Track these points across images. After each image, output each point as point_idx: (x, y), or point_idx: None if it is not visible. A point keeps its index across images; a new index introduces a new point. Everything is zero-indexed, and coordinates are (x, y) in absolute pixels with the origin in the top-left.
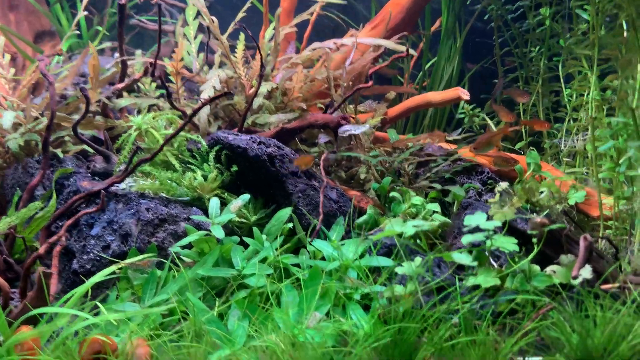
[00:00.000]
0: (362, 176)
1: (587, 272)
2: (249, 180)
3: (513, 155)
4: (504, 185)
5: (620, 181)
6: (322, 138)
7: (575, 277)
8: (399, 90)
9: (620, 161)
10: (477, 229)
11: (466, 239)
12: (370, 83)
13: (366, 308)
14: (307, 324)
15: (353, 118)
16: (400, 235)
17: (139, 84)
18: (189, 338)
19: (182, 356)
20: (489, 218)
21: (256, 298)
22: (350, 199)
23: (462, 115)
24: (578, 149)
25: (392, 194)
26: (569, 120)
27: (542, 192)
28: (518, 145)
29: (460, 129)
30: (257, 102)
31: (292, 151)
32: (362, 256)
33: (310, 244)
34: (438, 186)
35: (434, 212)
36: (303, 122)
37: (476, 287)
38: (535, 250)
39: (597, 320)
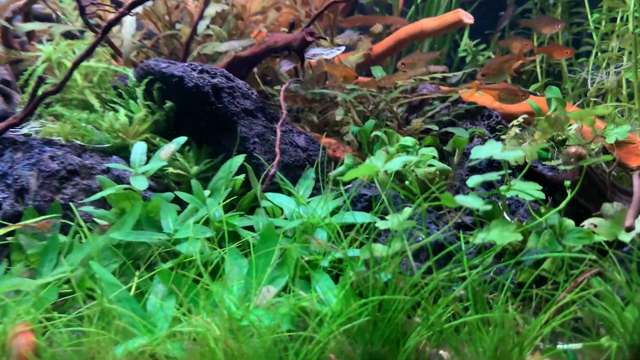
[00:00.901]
0: (338, 118)
1: None
2: (191, 122)
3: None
4: (520, 119)
5: None
6: (285, 65)
7: (628, 230)
8: (387, 22)
9: None
10: (488, 166)
11: (473, 181)
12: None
13: (338, 279)
14: (256, 302)
15: (324, 39)
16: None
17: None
18: (92, 322)
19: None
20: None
21: (189, 270)
22: (323, 148)
23: (464, 54)
24: (609, 86)
25: (375, 133)
26: (596, 54)
27: (571, 128)
28: (533, 87)
29: (461, 73)
30: (203, 26)
31: (246, 84)
32: (334, 213)
33: (268, 200)
34: (435, 127)
35: (432, 157)
36: (260, 46)
37: (489, 246)
38: (569, 196)
39: None
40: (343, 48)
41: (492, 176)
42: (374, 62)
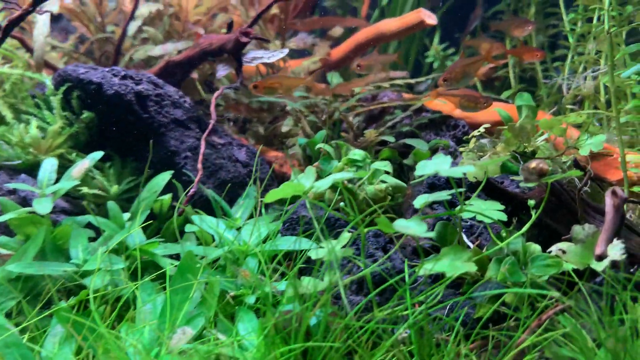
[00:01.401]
0: (285, 129)
1: (617, 250)
2: (115, 135)
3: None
4: (482, 129)
5: None
6: (221, 70)
7: (601, 257)
8: (347, 24)
9: None
10: (448, 183)
11: (419, 201)
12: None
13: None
14: (169, 346)
15: (264, 40)
16: (322, 199)
17: None
18: None
19: None
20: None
21: (96, 307)
22: (268, 162)
23: (432, 59)
24: (586, 92)
25: (319, 145)
26: (572, 57)
27: (541, 138)
28: (505, 94)
29: (426, 79)
30: (134, 28)
31: (179, 92)
32: (270, 239)
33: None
34: (390, 138)
35: (385, 173)
36: (194, 50)
37: (439, 277)
38: (534, 217)
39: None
40: (286, 51)
41: (442, 195)
42: (332, 67)
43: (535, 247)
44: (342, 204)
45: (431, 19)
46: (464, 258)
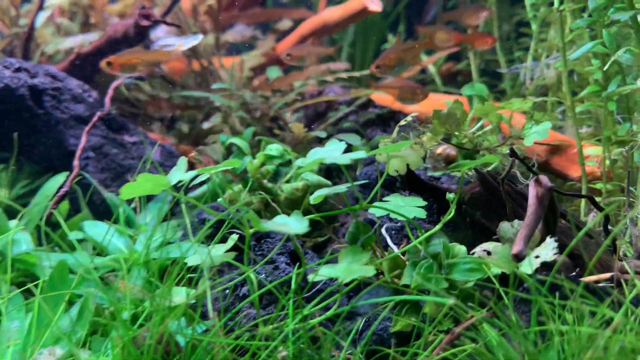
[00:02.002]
0: (206, 126)
1: (549, 250)
2: (6, 133)
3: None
4: (409, 118)
5: (610, 116)
6: None
7: (518, 257)
8: (293, 16)
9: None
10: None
11: (314, 195)
12: None
13: None
14: None
15: (166, 23)
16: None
17: None
18: None
19: None
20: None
21: None
22: (189, 163)
23: None
24: (549, 81)
25: (231, 140)
26: (535, 45)
27: (479, 127)
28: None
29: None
30: (42, 19)
31: (83, 85)
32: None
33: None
34: (322, 134)
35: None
36: (101, 39)
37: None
38: (450, 211)
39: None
40: (200, 36)
41: (339, 188)
42: (279, 62)
43: (460, 249)
44: (220, 199)
45: (374, 4)
46: (362, 260)
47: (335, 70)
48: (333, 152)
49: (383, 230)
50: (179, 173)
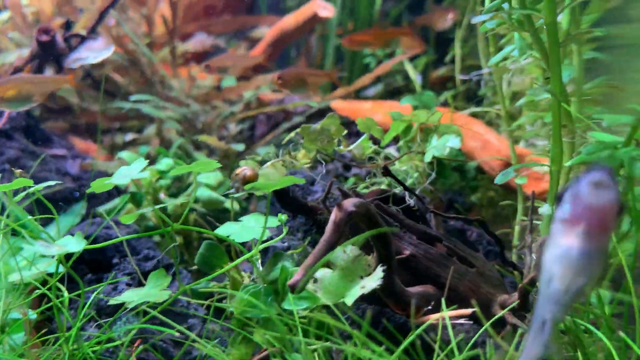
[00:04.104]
0: (128, 139)
1: (373, 280)
2: None
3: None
4: (292, 134)
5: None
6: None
7: (292, 287)
8: (264, 23)
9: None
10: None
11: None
12: None
13: None
14: None
15: (80, 37)
16: None
17: None
18: None
19: None
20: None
21: None
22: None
23: (368, 61)
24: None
25: (120, 154)
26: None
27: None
28: (445, 96)
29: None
30: None
31: None
32: None
33: None
34: (240, 147)
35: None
36: (28, 55)
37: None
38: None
39: None
40: (112, 48)
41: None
42: (252, 72)
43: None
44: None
45: (326, 10)
46: (162, 285)
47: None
48: (129, 171)
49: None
50: None
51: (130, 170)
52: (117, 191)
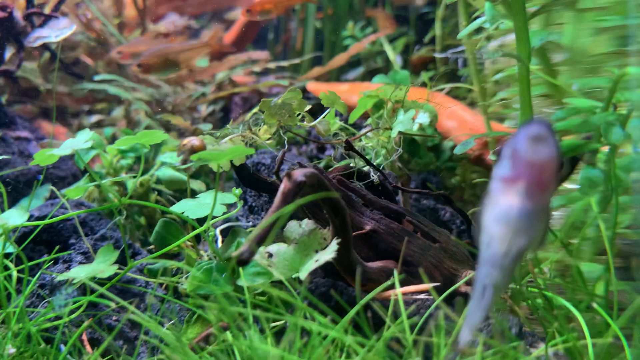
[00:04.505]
0: (94, 120)
1: (326, 254)
2: None
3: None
4: (255, 109)
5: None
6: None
7: (240, 260)
8: (241, 4)
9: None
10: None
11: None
12: None
13: None
14: None
15: (49, 16)
16: None
17: None
18: None
19: None
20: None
21: None
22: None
23: (348, 42)
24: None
25: (79, 133)
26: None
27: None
28: (425, 77)
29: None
30: None
31: None
32: None
33: None
34: (206, 127)
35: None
36: None
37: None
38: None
39: None
40: (73, 26)
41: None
42: (227, 53)
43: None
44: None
45: None
46: (110, 260)
47: (256, 59)
48: (76, 143)
49: (217, 231)
50: None
51: (74, 141)
52: (82, 174)
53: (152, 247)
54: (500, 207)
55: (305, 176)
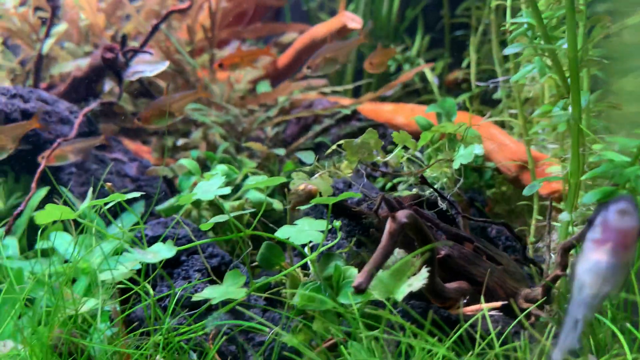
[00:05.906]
0: (180, 143)
1: (418, 280)
2: None
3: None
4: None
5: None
6: (105, 86)
7: (357, 289)
8: (293, 30)
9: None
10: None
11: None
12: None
13: None
14: None
15: (144, 52)
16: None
17: None
18: None
19: None
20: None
21: None
22: (165, 177)
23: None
24: (534, 94)
25: (181, 161)
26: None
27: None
28: (461, 98)
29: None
30: (48, 45)
31: (72, 107)
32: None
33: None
34: (281, 152)
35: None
36: (88, 66)
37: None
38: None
39: None
40: (166, 63)
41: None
42: (280, 75)
43: (353, 272)
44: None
45: (354, 22)
46: (239, 283)
47: (315, 86)
48: (210, 186)
49: (306, 251)
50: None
51: (210, 186)
52: (169, 190)
53: (252, 263)
54: (592, 262)
55: (407, 218)
